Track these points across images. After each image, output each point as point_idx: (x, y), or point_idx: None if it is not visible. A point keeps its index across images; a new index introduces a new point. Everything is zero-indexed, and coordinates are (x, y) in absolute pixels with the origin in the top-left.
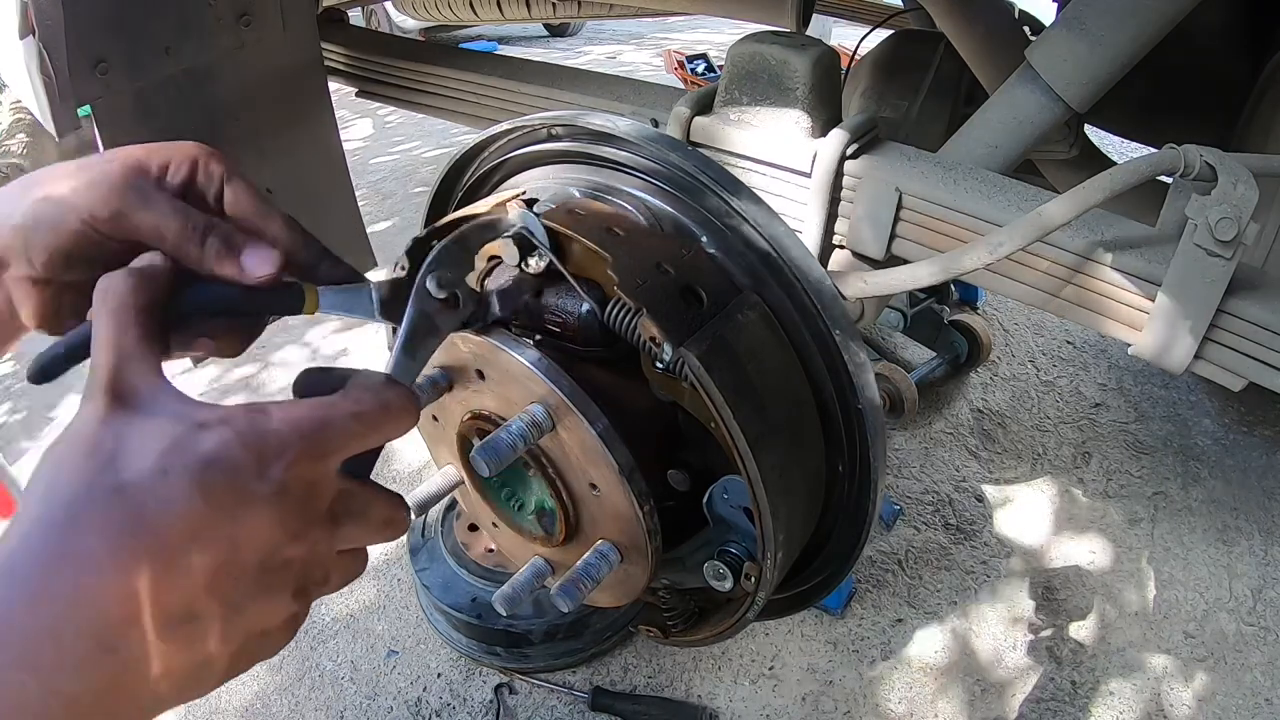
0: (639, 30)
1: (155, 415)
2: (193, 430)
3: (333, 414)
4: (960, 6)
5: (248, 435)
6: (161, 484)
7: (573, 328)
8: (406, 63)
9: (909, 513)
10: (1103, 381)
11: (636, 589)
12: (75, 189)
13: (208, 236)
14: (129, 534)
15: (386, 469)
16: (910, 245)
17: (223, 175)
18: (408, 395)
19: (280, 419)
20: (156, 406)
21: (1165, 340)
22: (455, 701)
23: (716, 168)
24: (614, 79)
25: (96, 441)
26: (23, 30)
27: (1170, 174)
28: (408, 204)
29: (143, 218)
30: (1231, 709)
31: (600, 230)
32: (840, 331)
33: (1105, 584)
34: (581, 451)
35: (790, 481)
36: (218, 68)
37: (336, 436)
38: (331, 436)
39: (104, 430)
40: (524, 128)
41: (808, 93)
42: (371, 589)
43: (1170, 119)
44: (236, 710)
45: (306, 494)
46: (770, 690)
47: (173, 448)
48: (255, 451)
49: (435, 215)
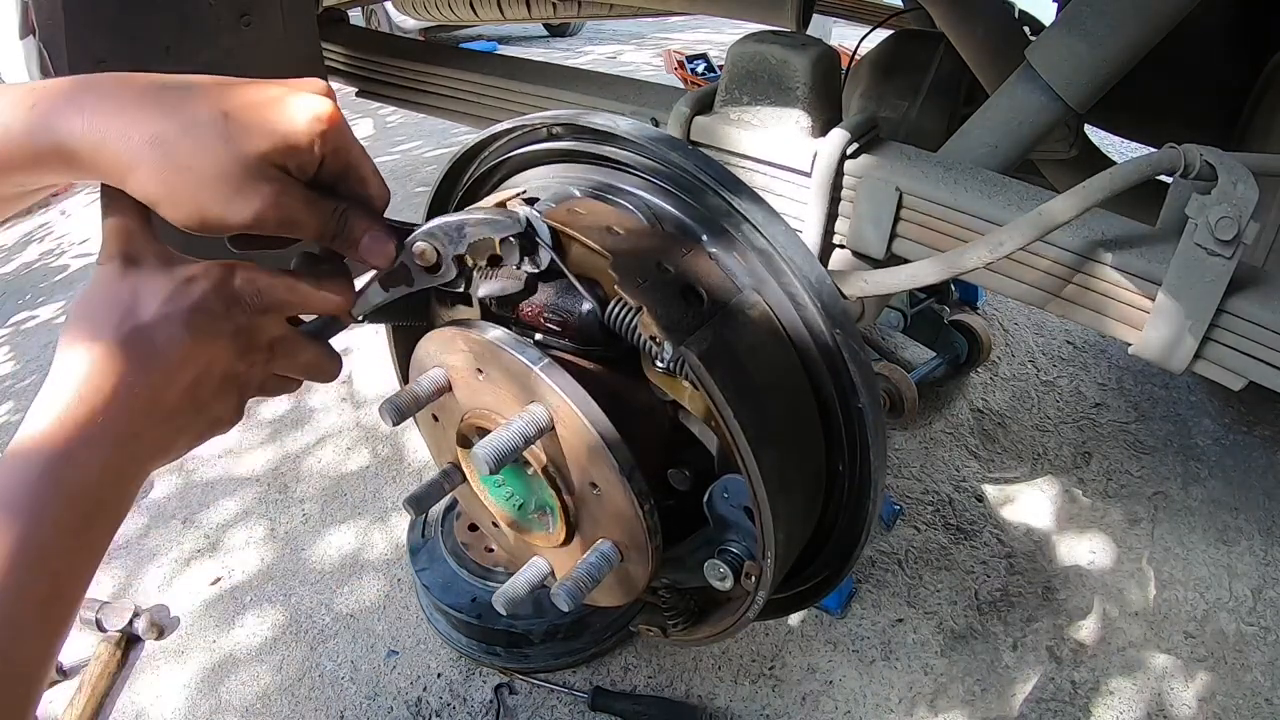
0: (639, 30)
1: (156, 272)
2: (183, 284)
3: (278, 283)
4: (960, 6)
5: (220, 288)
6: (165, 324)
7: (573, 327)
8: (406, 63)
9: (909, 513)
10: (1103, 381)
11: (637, 588)
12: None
13: (337, 238)
14: (145, 360)
15: (394, 466)
16: (910, 245)
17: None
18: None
19: (242, 279)
20: (156, 264)
21: (1165, 340)
22: (455, 701)
23: (717, 167)
24: (614, 79)
25: (118, 294)
26: (23, 30)
27: (1170, 173)
28: (408, 204)
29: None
30: (1231, 709)
31: (601, 229)
32: (840, 331)
33: (1105, 584)
34: (581, 451)
35: (790, 481)
36: (218, 68)
37: (277, 299)
38: (273, 299)
39: (123, 285)
40: (524, 127)
41: (808, 92)
42: (371, 589)
43: (1170, 119)
44: (237, 709)
45: (252, 332)
46: (770, 690)
47: (170, 297)
48: (224, 300)
49: (435, 214)
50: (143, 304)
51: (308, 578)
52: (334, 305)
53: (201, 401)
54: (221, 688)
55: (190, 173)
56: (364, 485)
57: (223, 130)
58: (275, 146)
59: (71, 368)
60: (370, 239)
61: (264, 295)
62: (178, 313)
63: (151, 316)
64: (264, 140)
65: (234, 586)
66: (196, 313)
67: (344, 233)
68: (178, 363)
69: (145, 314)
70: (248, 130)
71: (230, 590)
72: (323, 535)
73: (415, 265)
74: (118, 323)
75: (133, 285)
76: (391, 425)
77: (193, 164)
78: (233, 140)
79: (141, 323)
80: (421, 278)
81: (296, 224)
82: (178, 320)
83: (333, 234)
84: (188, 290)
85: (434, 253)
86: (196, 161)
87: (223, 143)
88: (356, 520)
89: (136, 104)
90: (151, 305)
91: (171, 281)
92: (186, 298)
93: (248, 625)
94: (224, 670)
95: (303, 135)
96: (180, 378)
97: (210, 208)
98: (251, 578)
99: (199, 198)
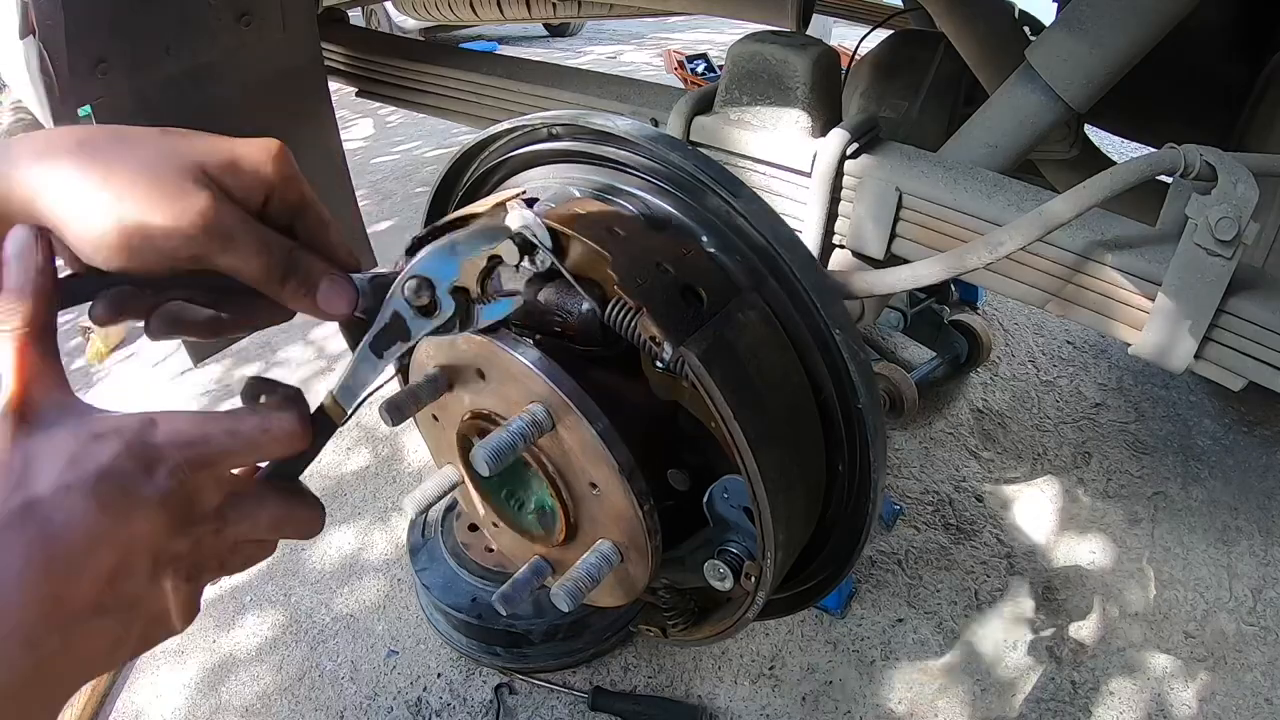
0: (639, 30)
1: (57, 430)
2: (89, 443)
3: (212, 430)
4: (960, 6)
5: (135, 446)
6: (64, 498)
7: (573, 327)
8: (406, 63)
9: (909, 513)
10: (1103, 381)
11: (636, 588)
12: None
13: (288, 280)
14: (39, 545)
15: (394, 466)
16: (910, 245)
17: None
18: (295, 421)
19: (164, 431)
20: (58, 421)
21: (1165, 340)
22: (455, 701)
23: (717, 167)
24: (614, 79)
25: (7, 462)
26: (23, 30)
27: (1170, 174)
28: (408, 204)
29: (224, 261)
30: (1231, 709)
31: (600, 229)
32: (840, 331)
33: (1105, 584)
34: (581, 451)
35: (790, 481)
36: (218, 68)
37: (214, 451)
38: (209, 451)
39: (14, 450)
40: (524, 127)
41: (808, 92)
42: (371, 589)
43: (1170, 119)
44: (237, 709)
45: (189, 498)
46: (770, 690)
47: (71, 462)
48: (142, 461)
49: (435, 215)
50: (36, 471)
51: (308, 578)
52: (291, 441)
53: (129, 596)
54: (221, 688)
55: (112, 173)
56: (364, 485)
57: (157, 139)
58: (214, 157)
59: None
60: (330, 283)
61: (196, 446)
62: (81, 481)
63: (47, 488)
64: (203, 148)
65: (234, 586)
66: (105, 480)
67: (297, 273)
68: (84, 548)
69: (39, 485)
70: (186, 139)
71: (230, 590)
72: (322, 535)
73: (410, 311)
74: (3, 498)
75: (24, 447)
76: (391, 425)
77: (116, 163)
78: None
79: (34, 496)
80: (418, 325)
81: (235, 246)
82: (81, 491)
83: (282, 274)
84: (94, 450)
85: (427, 289)
86: (123, 162)
87: (155, 147)
88: (356, 520)
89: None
90: (48, 473)
91: (74, 440)
92: (92, 460)
93: (248, 625)
94: (224, 670)
95: (251, 155)
96: (90, 567)
97: (130, 214)
98: (251, 578)
99: (120, 205)
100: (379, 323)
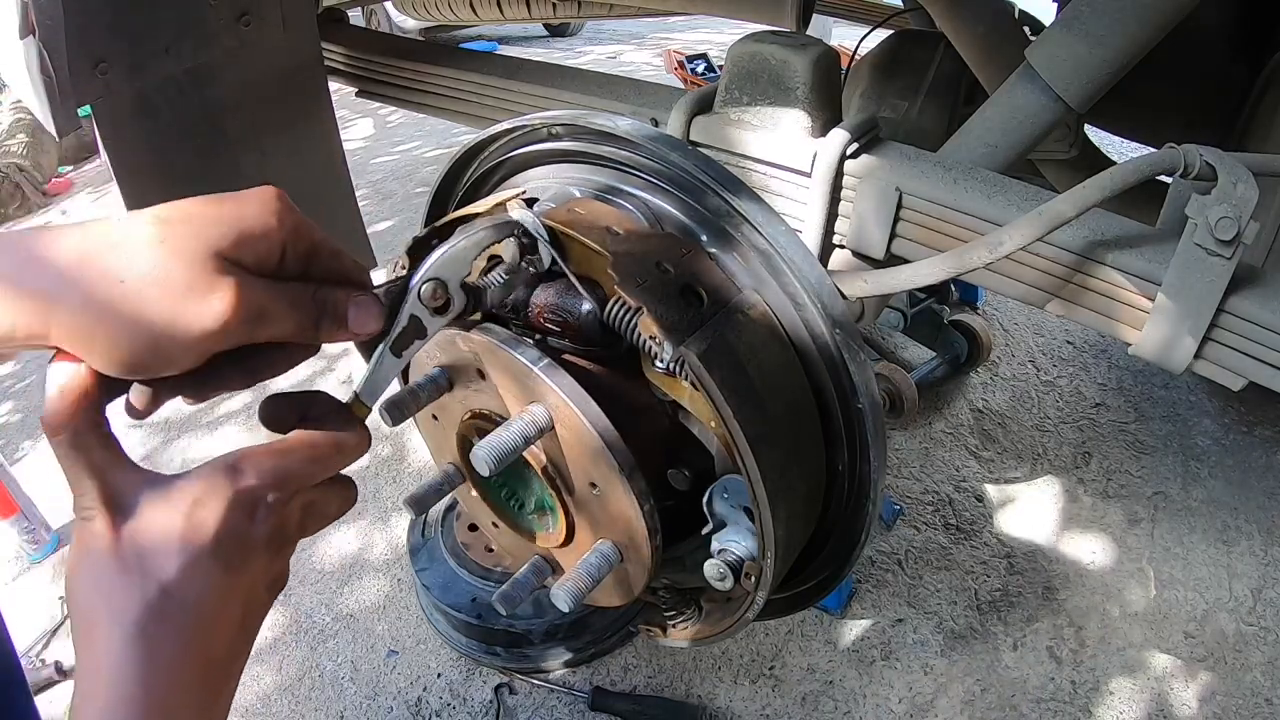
0: (639, 30)
1: (155, 511)
2: (192, 511)
3: (294, 460)
4: (960, 6)
5: (233, 499)
6: (193, 574)
7: (573, 327)
8: (406, 63)
9: (909, 513)
10: (1103, 381)
11: (636, 588)
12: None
13: (321, 322)
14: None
15: (394, 466)
16: (910, 245)
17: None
18: (361, 431)
19: (252, 472)
20: (147, 499)
21: (1165, 340)
22: (455, 701)
23: (717, 167)
24: (614, 79)
25: (121, 558)
26: (23, 30)
27: (1170, 173)
28: (408, 204)
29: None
30: (1231, 709)
31: (600, 229)
32: (840, 331)
33: (1105, 584)
34: (581, 451)
35: (790, 481)
36: (218, 68)
37: (300, 478)
38: (297, 479)
39: (121, 545)
40: (524, 127)
41: (808, 92)
42: (372, 589)
43: (1170, 119)
44: (238, 710)
45: (283, 523)
46: (770, 690)
47: (184, 537)
48: (245, 510)
49: (435, 215)
50: (155, 561)
51: (308, 578)
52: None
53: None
54: None
55: (127, 287)
56: (364, 485)
57: (160, 234)
58: (226, 237)
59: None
60: (357, 307)
61: (283, 478)
62: (202, 551)
63: (173, 570)
64: (213, 232)
65: None
66: (222, 542)
67: (327, 313)
68: (218, 609)
69: (164, 570)
70: (189, 225)
71: None
72: (323, 535)
73: (425, 312)
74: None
75: (133, 541)
76: (391, 425)
77: (129, 275)
78: (173, 241)
79: (166, 582)
80: (434, 322)
81: (270, 318)
82: (204, 562)
83: (315, 320)
84: (200, 517)
85: (442, 289)
86: (134, 272)
87: (162, 246)
88: (356, 520)
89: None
90: (166, 554)
91: (176, 514)
92: (204, 528)
93: None
94: None
95: (255, 218)
96: (225, 618)
97: (158, 326)
98: None
99: (142, 318)
100: (397, 326)
